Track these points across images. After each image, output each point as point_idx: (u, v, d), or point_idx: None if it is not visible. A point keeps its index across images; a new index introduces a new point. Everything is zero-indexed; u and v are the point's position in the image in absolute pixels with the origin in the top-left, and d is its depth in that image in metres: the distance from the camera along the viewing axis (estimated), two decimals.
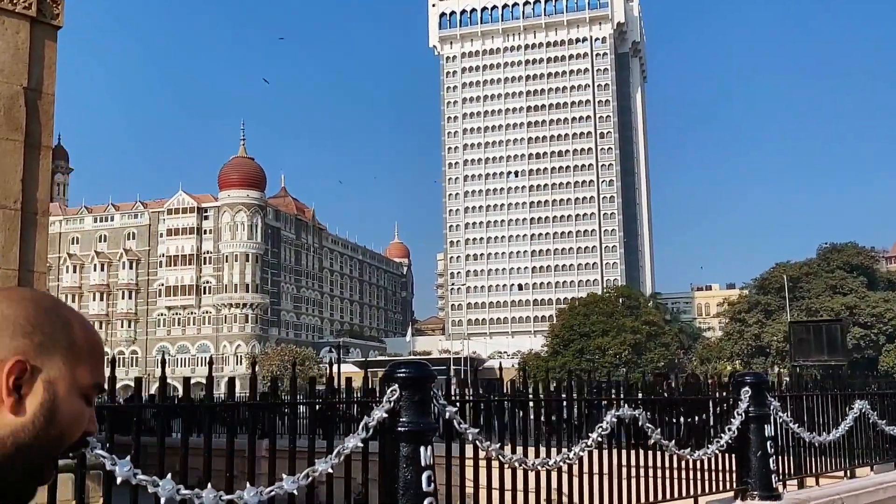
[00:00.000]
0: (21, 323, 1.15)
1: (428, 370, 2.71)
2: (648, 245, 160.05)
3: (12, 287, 1.12)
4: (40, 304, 1.19)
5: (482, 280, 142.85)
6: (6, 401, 1.11)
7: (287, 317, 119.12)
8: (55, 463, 1.17)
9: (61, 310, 1.21)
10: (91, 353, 1.20)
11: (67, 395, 1.15)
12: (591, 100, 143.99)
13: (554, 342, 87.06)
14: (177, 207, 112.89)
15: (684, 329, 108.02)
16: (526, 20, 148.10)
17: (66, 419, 1.15)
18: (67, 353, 1.16)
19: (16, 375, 1.11)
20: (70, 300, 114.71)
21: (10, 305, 1.17)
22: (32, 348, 1.14)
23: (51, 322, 1.17)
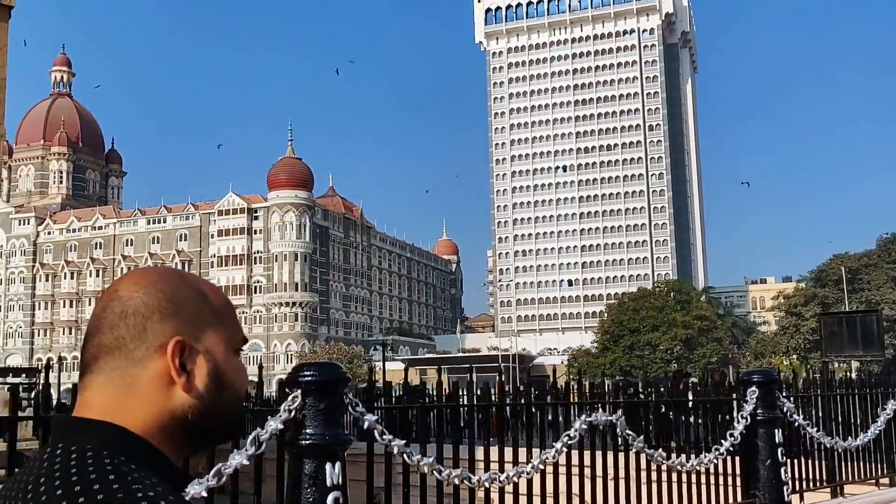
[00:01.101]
0: (165, 305, 1.18)
1: (339, 373, 2.24)
2: (700, 238, 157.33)
3: (138, 272, 1.13)
4: (172, 281, 1.22)
5: (531, 276, 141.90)
6: (178, 381, 1.16)
7: (336, 315, 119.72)
8: (240, 411, 1.26)
9: (188, 279, 1.25)
10: (228, 312, 1.25)
11: (225, 357, 1.21)
12: (640, 92, 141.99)
13: (603, 338, 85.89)
14: (227, 208, 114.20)
15: (738, 323, 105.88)
16: (572, 13, 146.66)
17: (232, 378, 1.22)
18: (211, 318, 1.21)
19: (179, 355, 1.17)
20: None
21: (146, 292, 1.19)
22: (183, 325, 1.18)
23: (187, 295, 1.21)
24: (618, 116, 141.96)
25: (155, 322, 1.17)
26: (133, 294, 1.19)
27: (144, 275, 1.23)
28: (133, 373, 1.16)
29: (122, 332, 1.17)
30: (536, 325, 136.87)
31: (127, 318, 1.18)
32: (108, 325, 1.18)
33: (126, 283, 1.22)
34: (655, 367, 77.34)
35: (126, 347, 1.17)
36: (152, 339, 1.17)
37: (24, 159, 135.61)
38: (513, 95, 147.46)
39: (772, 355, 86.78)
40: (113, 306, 1.19)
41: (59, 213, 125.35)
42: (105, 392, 1.17)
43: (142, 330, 1.17)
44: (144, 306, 1.18)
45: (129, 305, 1.18)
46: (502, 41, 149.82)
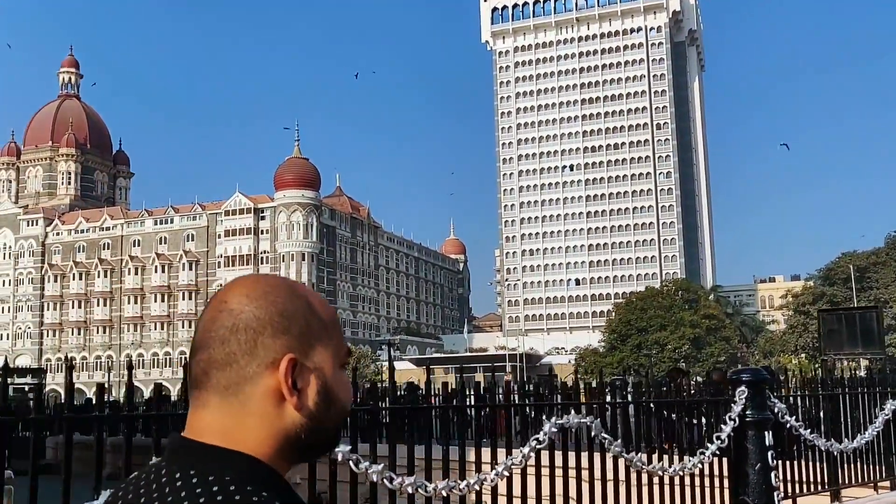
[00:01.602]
0: (276, 320, 1.16)
1: None
2: (709, 237, 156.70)
3: (246, 282, 1.09)
4: (283, 293, 1.19)
5: (539, 275, 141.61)
6: (290, 400, 1.14)
7: (344, 315, 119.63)
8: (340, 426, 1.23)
9: (298, 290, 1.22)
10: (334, 325, 1.23)
11: (333, 373, 1.19)
12: (647, 90, 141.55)
13: (611, 337, 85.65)
14: (234, 209, 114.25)
15: (747, 322, 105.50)
16: (579, 12, 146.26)
17: (339, 393, 1.19)
18: (320, 333, 1.19)
19: (291, 373, 1.14)
20: (133, 301, 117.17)
21: (258, 305, 1.16)
22: (295, 341, 1.16)
23: (298, 309, 1.18)
24: (625, 115, 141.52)
25: (267, 338, 1.15)
26: (244, 307, 1.16)
27: (255, 285, 1.20)
28: (245, 390, 1.15)
29: (233, 348, 1.15)
30: (544, 325, 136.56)
31: (238, 332, 1.15)
32: (219, 339, 1.16)
33: (236, 295, 1.19)
34: (663, 366, 76.93)
35: (237, 363, 1.15)
36: (264, 356, 1.15)
37: (32, 161, 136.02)
38: (519, 94, 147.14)
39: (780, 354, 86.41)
40: (223, 319, 1.17)
41: (68, 213, 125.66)
42: (220, 411, 1.15)
43: (253, 346, 1.15)
44: (256, 321, 1.15)
45: (240, 319, 1.16)
46: (509, 40, 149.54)
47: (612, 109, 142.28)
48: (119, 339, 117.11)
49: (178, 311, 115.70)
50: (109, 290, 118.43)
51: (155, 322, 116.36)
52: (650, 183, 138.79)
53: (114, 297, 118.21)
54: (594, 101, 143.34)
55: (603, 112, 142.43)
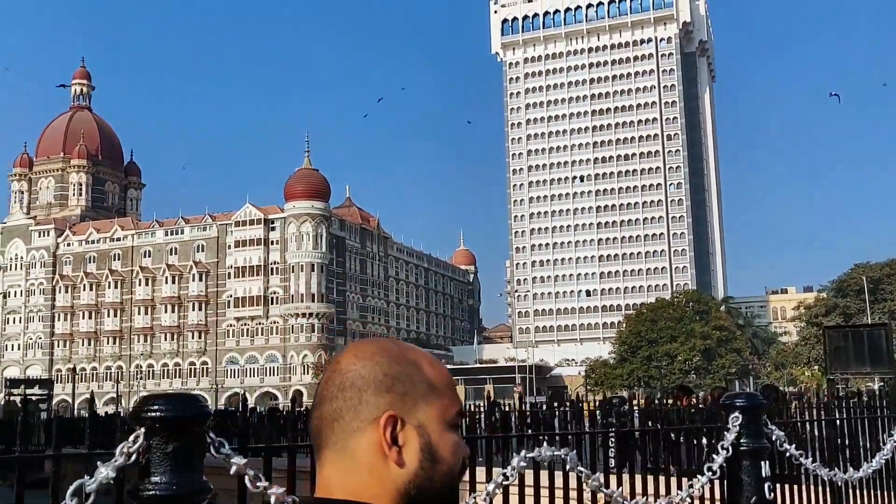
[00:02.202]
0: (380, 379, 1.24)
1: (196, 407, 1.75)
2: (720, 248, 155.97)
3: (358, 345, 1.14)
4: (391, 355, 1.26)
5: (549, 286, 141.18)
6: (390, 455, 1.20)
7: (353, 326, 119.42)
8: (456, 491, 1.26)
9: (408, 353, 1.29)
10: (446, 386, 1.29)
11: (439, 432, 1.23)
12: (658, 101, 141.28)
13: (621, 349, 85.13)
14: (244, 219, 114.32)
15: (758, 334, 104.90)
16: (589, 23, 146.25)
17: (444, 453, 1.23)
18: (426, 393, 1.25)
19: (391, 430, 1.20)
20: (143, 312, 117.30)
21: (364, 365, 1.25)
22: (397, 400, 1.22)
23: (404, 370, 1.25)
24: (635, 126, 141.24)
25: (370, 395, 1.22)
26: (352, 367, 1.25)
27: (365, 348, 1.29)
28: (351, 445, 1.22)
29: (339, 404, 1.23)
30: (554, 336, 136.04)
31: (345, 390, 1.24)
32: (329, 397, 1.25)
33: (347, 356, 1.28)
34: (673, 377, 76.49)
35: (343, 419, 1.23)
36: (367, 413, 1.22)
37: (44, 172, 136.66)
38: (529, 106, 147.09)
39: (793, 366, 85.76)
40: (334, 378, 1.26)
41: (79, 224, 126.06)
42: (335, 466, 1.23)
43: (357, 402, 1.22)
44: (361, 379, 1.23)
45: (347, 378, 1.25)
46: (519, 51, 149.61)
47: (623, 120, 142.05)
48: (129, 350, 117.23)
49: (187, 321, 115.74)
50: (120, 301, 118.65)
51: (165, 332, 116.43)
52: (661, 194, 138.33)
53: (124, 307, 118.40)
54: (604, 112, 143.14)
55: (613, 123, 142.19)
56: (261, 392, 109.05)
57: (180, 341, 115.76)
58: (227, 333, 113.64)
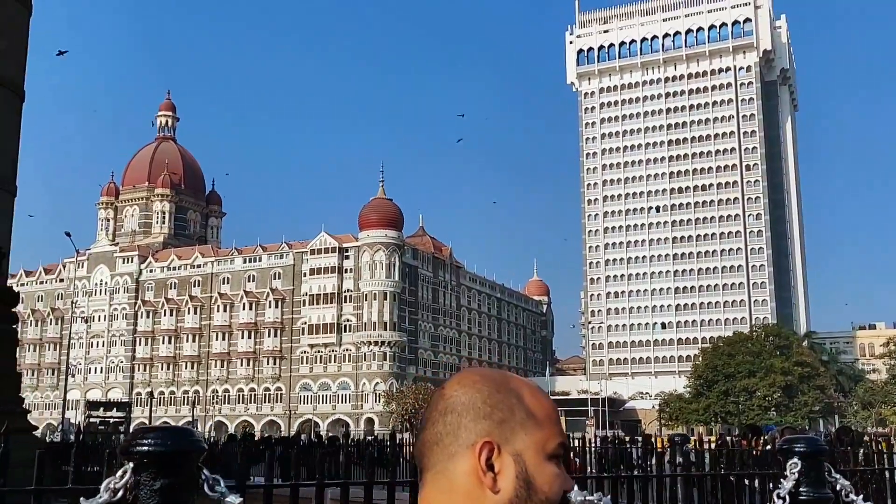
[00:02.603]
0: (479, 406, 1.27)
1: (188, 441, 1.63)
2: (802, 281, 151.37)
3: (464, 372, 1.08)
4: (492, 383, 1.30)
5: (624, 318, 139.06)
6: (485, 481, 1.23)
7: (425, 355, 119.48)
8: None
9: (511, 383, 1.32)
10: (547, 417, 1.30)
11: (537, 462, 1.25)
12: (737, 131, 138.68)
13: (697, 383, 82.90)
14: (319, 248, 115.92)
15: (844, 371, 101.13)
16: (666, 53, 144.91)
17: (541, 483, 1.24)
18: (525, 422, 1.27)
19: (486, 456, 1.24)
20: (221, 337, 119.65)
21: (465, 392, 1.30)
22: (495, 427, 1.25)
23: (504, 398, 1.28)
24: (713, 156, 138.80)
25: (468, 420, 1.26)
26: (454, 393, 1.30)
27: (468, 375, 1.33)
28: (449, 468, 1.26)
29: (440, 429, 1.28)
30: (628, 369, 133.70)
31: (446, 415, 1.28)
32: (432, 421, 1.30)
33: (451, 383, 1.34)
34: (752, 414, 74.08)
35: (442, 443, 1.27)
36: (465, 438, 1.26)
37: (129, 200, 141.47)
38: (605, 135, 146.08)
39: (882, 405, 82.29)
40: (438, 404, 1.31)
41: (161, 251, 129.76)
42: (434, 489, 1.27)
43: (456, 427, 1.26)
44: (461, 405, 1.27)
45: (449, 403, 1.29)
46: (594, 81, 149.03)
47: (700, 150, 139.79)
48: (206, 375, 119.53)
49: (263, 347, 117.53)
50: (199, 327, 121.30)
51: (241, 358, 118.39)
52: (739, 225, 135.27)
53: (202, 333, 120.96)
54: (681, 143, 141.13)
55: (690, 153, 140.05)
56: (333, 419, 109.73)
57: (256, 367, 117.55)
58: (300, 360, 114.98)
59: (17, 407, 12.65)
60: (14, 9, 14.49)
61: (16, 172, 14.43)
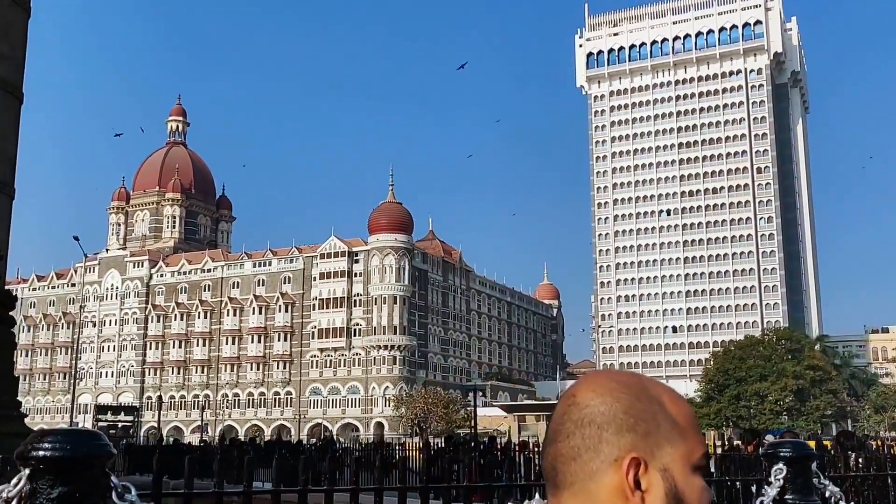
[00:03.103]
0: (621, 416, 1.15)
1: (92, 445, 1.45)
2: (814, 284, 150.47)
3: (597, 377, 1.25)
4: (632, 390, 1.18)
5: (634, 322, 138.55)
6: (633, 500, 1.12)
7: (434, 359, 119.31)
8: None
9: (651, 389, 1.20)
10: (691, 426, 1.19)
11: (684, 476, 1.14)
12: (748, 134, 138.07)
13: (708, 387, 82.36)
14: (329, 252, 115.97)
15: (857, 375, 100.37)
16: (676, 56, 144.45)
17: (691, 498, 1.14)
18: (670, 433, 1.15)
19: (634, 472, 1.12)
20: (231, 342, 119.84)
21: (604, 401, 1.16)
22: (640, 440, 1.13)
23: (646, 406, 1.16)
24: (724, 159, 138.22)
25: (611, 434, 1.14)
26: (590, 402, 1.17)
27: (603, 381, 1.20)
28: (590, 487, 1.13)
29: (577, 442, 1.15)
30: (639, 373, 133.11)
31: (583, 427, 1.15)
32: (565, 433, 1.16)
33: (584, 390, 1.20)
34: (764, 418, 73.51)
35: (581, 458, 1.15)
36: (607, 453, 1.14)
37: (140, 205, 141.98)
38: (615, 139, 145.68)
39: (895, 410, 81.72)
40: (571, 413, 1.17)
41: (172, 256, 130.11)
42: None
43: (597, 441, 1.14)
44: (601, 416, 1.15)
45: (585, 414, 1.16)
46: (604, 85, 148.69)
47: (711, 153, 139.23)
48: (216, 379, 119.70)
49: (273, 351, 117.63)
50: (209, 331, 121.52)
51: (251, 362, 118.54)
52: (750, 228, 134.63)
53: (212, 337, 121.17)
54: (692, 145, 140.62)
55: (701, 156, 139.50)
56: (342, 423, 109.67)
57: (265, 371, 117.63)
58: (310, 364, 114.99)
59: (14, 411, 12.57)
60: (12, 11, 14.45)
61: (14, 175, 14.39)
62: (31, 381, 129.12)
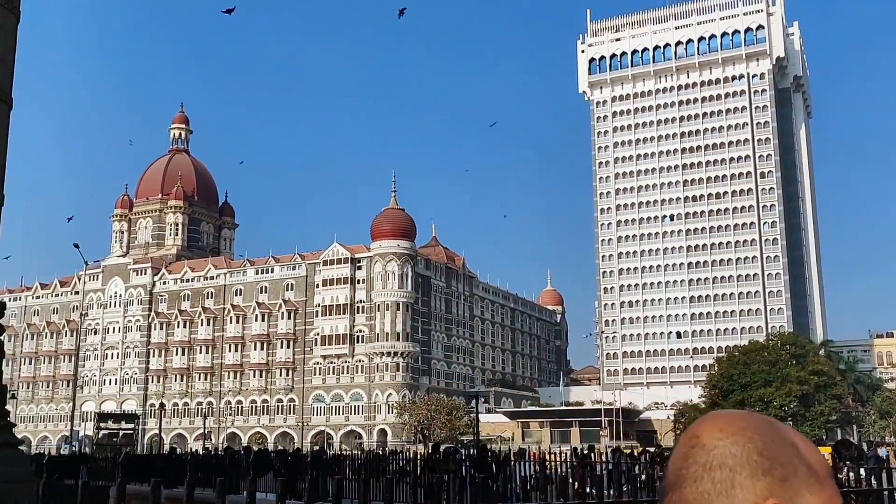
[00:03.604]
0: (755, 459, 1.07)
1: None
2: (818, 289, 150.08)
3: (721, 417, 1.18)
4: (763, 431, 1.10)
5: (638, 328, 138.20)
6: None
7: (438, 365, 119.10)
8: None
9: (782, 431, 1.13)
10: (827, 473, 1.11)
11: None
12: (751, 138, 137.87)
13: (712, 393, 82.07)
14: (331, 258, 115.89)
15: (861, 380, 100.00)
16: (678, 61, 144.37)
17: None
18: (808, 479, 1.08)
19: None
20: (233, 349, 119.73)
21: (735, 441, 1.08)
22: (778, 486, 1.06)
23: (782, 450, 1.08)
24: (727, 164, 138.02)
25: (745, 478, 1.06)
26: (718, 443, 1.09)
27: (731, 420, 1.12)
28: None
29: (706, 487, 1.07)
30: (643, 378, 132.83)
31: (713, 470, 1.07)
32: (691, 477, 1.08)
33: (709, 429, 1.11)
34: None
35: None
36: (742, 499, 1.06)
37: (143, 213, 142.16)
38: (617, 144, 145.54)
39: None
40: (695, 455, 1.09)
41: (174, 263, 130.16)
42: None
43: (729, 486, 1.06)
44: (732, 458, 1.07)
45: (714, 456, 1.08)
46: (606, 90, 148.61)
47: (714, 158, 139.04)
48: (220, 386, 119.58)
49: (276, 359, 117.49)
50: (212, 338, 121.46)
51: (254, 370, 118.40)
52: (754, 233, 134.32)
53: (215, 344, 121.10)
54: (695, 150, 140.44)
55: (704, 161, 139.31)
56: (346, 431, 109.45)
57: (268, 378, 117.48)
58: (313, 371, 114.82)
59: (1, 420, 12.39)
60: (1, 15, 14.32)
61: (3, 180, 14.25)
62: (35, 389, 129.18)
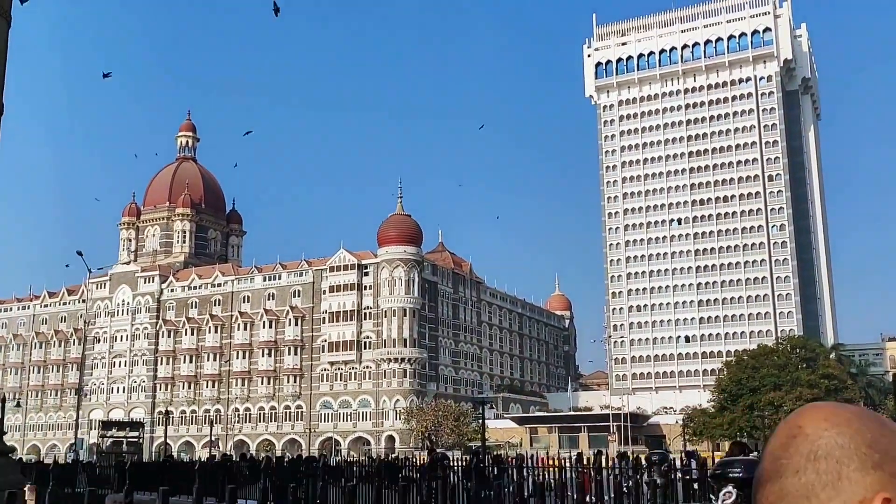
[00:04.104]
0: (864, 451, 1.02)
1: None
2: (828, 292, 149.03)
3: (826, 407, 1.12)
4: (869, 423, 1.05)
5: (647, 332, 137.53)
6: None
7: (445, 371, 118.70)
8: None
9: (890, 425, 1.07)
10: None
11: None
12: (758, 141, 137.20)
13: (721, 397, 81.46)
14: (338, 265, 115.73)
15: (873, 383, 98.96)
16: (685, 64, 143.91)
17: None
18: None
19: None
20: (241, 356, 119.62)
21: (841, 432, 1.03)
22: (889, 480, 1.01)
23: (891, 442, 1.03)
24: (735, 167, 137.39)
25: (853, 471, 1.01)
26: (823, 432, 1.04)
27: (836, 411, 1.08)
28: None
29: (810, 479, 1.02)
30: (652, 383, 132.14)
31: (817, 461, 1.03)
32: (793, 467, 1.04)
33: (812, 419, 1.07)
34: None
35: (816, 497, 1.02)
36: (850, 492, 1.01)
37: (150, 220, 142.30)
38: (624, 148, 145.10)
39: None
40: (799, 445, 1.05)
41: (182, 271, 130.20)
42: None
43: (836, 478, 1.01)
44: (840, 449, 1.02)
45: (819, 446, 1.03)
46: (613, 94, 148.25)
47: (722, 161, 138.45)
48: (227, 393, 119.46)
49: (283, 365, 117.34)
50: (219, 346, 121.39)
51: (262, 377, 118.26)
52: (762, 236, 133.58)
53: (223, 351, 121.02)
54: (702, 154, 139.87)
55: (711, 164, 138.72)
56: (353, 437, 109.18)
57: (276, 385, 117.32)
58: (321, 378, 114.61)
59: None
60: None
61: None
62: (44, 398, 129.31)
